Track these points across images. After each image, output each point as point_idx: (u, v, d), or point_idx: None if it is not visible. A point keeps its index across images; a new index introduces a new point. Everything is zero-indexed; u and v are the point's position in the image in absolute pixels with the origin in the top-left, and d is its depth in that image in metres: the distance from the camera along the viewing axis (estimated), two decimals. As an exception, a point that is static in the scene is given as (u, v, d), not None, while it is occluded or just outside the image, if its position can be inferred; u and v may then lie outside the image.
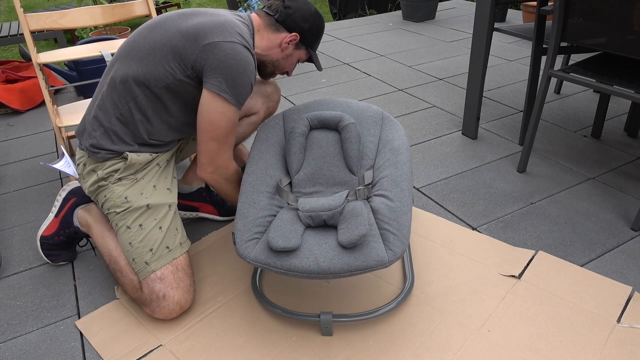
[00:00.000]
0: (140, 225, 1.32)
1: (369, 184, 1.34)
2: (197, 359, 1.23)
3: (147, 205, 1.34)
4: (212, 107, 1.26)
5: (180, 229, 1.39)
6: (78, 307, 1.44)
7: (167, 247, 1.33)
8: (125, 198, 1.33)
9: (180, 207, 1.72)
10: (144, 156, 1.36)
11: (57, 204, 1.55)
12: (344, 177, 1.36)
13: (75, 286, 1.52)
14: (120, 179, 1.35)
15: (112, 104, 1.31)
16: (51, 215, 1.55)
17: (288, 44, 1.42)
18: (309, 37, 1.43)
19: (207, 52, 1.23)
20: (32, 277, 1.56)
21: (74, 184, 1.57)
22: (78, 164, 1.41)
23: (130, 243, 1.31)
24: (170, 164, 1.47)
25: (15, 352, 1.30)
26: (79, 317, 1.40)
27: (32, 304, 1.46)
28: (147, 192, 1.36)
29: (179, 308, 1.31)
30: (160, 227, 1.33)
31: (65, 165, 1.63)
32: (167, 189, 1.41)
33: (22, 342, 1.33)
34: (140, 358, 1.25)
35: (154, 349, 1.27)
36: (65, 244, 1.56)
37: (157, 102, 1.31)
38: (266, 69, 1.48)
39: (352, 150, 1.36)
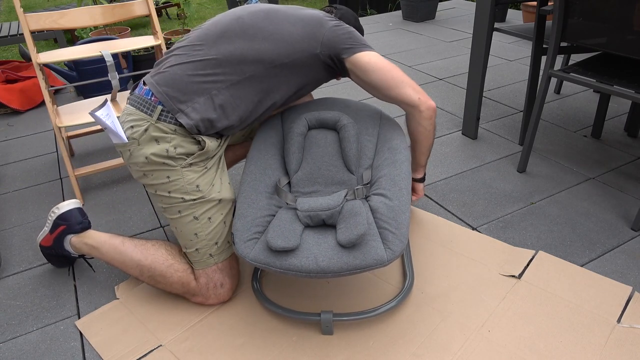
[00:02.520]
0: (209, 218, 1.32)
1: (367, 183, 1.34)
2: (197, 359, 1.23)
3: (220, 200, 1.33)
4: (370, 62, 1.33)
5: None
6: (78, 307, 1.44)
7: (228, 242, 1.37)
8: (197, 186, 1.30)
9: None
10: (213, 143, 1.32)
11: (50, 220, 1.50)
12: (342, 176, 1.36)
13: (75, 286, 1.52)
14: (191, 164, 1.29)
15: (226, 76, 1.29)
16: (46, 229, 1.52)
17: None
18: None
19: (335, 30, 1.34)
20: (32, 277, 1.56)
21: (65, 207, 1.49)
22: (133, 127, 1.28)
23: (196, 234, 1.32)
24: (224, 161, 1.44)
25: (15, 352, 1.30)
26: (79, 317, 1.40)
27: (32, 304, 1.46)
28: (217, 185, 1.34)
29: (231, 293, 1.40)
30: (224, 222, 1.35)
31: (105, 114, 1.38)
32: (229, 183, 1.40)
33: (22, 342, 1.33)
34: (140, 358, 1.25)
35: (154, 349, 1.27)
36: (61, 256, 1.55)
37: (275, 77, 1.33)
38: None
39: (351, 150, 1.36)
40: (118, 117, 1.35)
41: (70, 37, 4.76)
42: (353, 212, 1.20)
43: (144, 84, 1.32)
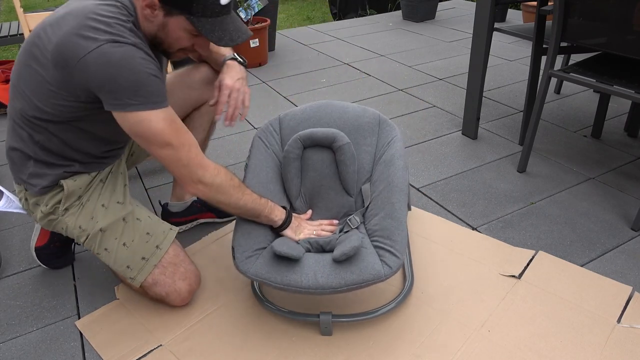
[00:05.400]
0: (106, 249, 1.28)
1: (362, 208, 1.37)
2: (197, 359, 1.23)
3: (100, 230, 1.27)
4: (130, 123, 1.08)
5: (152, 232, 1.30)
6: (78, 307, 1.44)
7: (143, 258, 1.28)
8: (80, 227, 1.27)
9: (179, 223, 1.70)
10: (81, 179, 1.27)
11: None
12: (340, 199, 1.39)
13: (75, 286, 1.52)
14: (67, 209, 1.27)
15: (28, 135, 1.19)
16: (38, 225, 1.50)
17: (151, 10, 1.09)
18: None
19: (82, 72, 1.03)
20: (32, 277, 1.56)
21: None
22: (20, 199, 1.33)
23: (109, 265, 1.31)
24: (116, 175, 1.36)
25: (15, 352, 1.30)
26: (79, 317, 1.40)
27: (32, 304, 1.46)
28: (98, 215, 1.27)
29: (187, 294, 1.34)
30: (124, 244, 1.28)
31: (6, 204, 1.47)
32: (117, 202, 1.31)
33: (22, 342, 1.33)
34: (140, 358, 1.25)
35: (154, 349, 1.27)
36: (62, 250, 1.55)
37: (68, 130, 1.18)
38: (161, 46, 1.18)
39: (348, 173, 1.36)
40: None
41: (70, 37, 4.75)
42: (349, 237, 1.24)
43: None
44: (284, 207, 1.32)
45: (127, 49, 1.03)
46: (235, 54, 1.44)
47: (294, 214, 1.36)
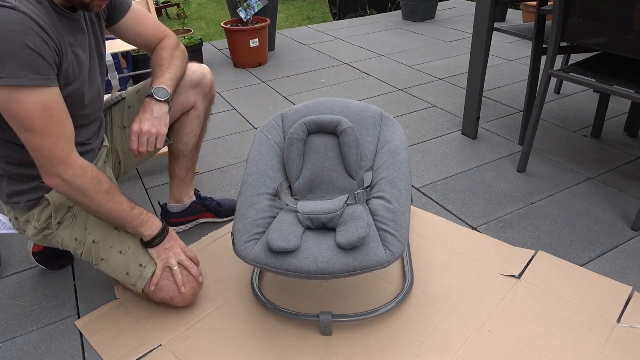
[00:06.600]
0: (103, 259, 1.29)
1: (368, 187, 1.34)
2: (197, 359, 1.23)
3: (93, 242, 1.28)
4: None
5: None
6: (78, 307, 1.44)
7: (141, 265, 1.28)
8: (76, 239, 1.29)
9: (178, 223, 1.70)
10: None
11: None
12: (343, 182, 1.37)
13: (75, 286, 1.52)
14: (60, 223, 1.27)
15: None
16: None
17: None
18: None
19: None
20: (32, 277, 1.56)
21: None
22: (10, 219, 1.32)
23: (109, 274, 1.31)
24: None
25: (15, 352, 1.30)
26: (79, 317, 1.40)
27: (32, 304, 1.46)
28: (90, 226, 1.28)
29: (191, 297, 1.34)
30: (120, 252, 1.28)
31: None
32: None
33: (22, 342, 1.33)
34: (140, 358, 1.25)
35: (154, 349, 1.27)
36: (60, 253, 1.55)
37: (14, 133, 1.08)
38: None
39: (351, 155, 1.36)
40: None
41: (70, 37, 4.75)
42: (354, 217, 1.20)
43: None
44: (166, 227, 1.30)
45: (5, 13, 0.92)
46: (153, 90, 1.31)
47: (175, 240, 1.33)
